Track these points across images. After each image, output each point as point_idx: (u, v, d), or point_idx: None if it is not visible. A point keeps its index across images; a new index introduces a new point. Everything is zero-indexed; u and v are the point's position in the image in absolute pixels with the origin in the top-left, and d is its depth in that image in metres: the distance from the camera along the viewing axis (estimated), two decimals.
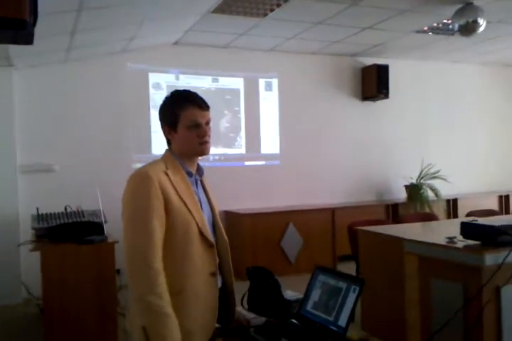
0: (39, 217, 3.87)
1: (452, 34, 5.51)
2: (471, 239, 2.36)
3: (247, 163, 6.14)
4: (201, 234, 1.71)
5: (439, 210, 6.45)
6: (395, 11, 4.68)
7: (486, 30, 5.28)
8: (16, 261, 4.71)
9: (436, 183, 6.59)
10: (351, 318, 1.93)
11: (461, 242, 2.42)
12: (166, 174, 1.70)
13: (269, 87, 6.23)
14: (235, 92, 6.01)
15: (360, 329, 3.53)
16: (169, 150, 1.81)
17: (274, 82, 6.25)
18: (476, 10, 4.44)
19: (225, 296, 1.85)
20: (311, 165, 6.42)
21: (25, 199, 4.82)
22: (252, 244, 5.56)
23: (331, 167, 6.54)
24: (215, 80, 5.87)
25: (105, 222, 3.75)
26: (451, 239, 2.45)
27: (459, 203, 6.83)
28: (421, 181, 6.62)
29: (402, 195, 6.74)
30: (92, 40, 4.49)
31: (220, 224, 1.89)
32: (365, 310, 3.51)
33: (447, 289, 2.39)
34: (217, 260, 1.79)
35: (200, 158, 1.86)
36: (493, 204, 6.99)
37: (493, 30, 5.48)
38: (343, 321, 1.96)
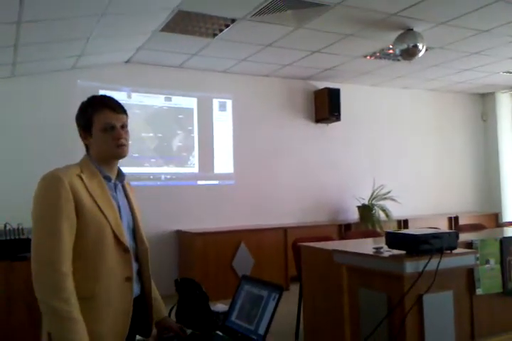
0: None
1: (398, 60, 5.74)
2: (396, 248, 2.40)
3: (199, 183, 6.12)
4: (115, 237, 1.68)
5: (388, 230, 6.55)
6: (339, 35, 4.86)
7: (429, 57, 5.56)
8: None
9: (387, 204, 6.72)
10: (269, 326, 1.92)
11: (387, 252, 2.46)
12: (80, 177, 1.68)
13: (223, 107, 6.30)
14: (188, 112, 6.04)
15: None
16: (87, 156, 1.80)
17: (228, 102, 6.33)
18: (415, 35, 4.66)
19: (144, 304, 1.83)
20: (265, 186, 6.46)
21: None
22: (204, 264, 5.49)
23: (284, 187, 6.60)
24: (167, 99, 5.89)
25: None
26: (377, 249, 2.49)
27: (410, 224, 6.96)
28: (372, 202, 6.74)
29: (354, 216, 6.84)
30: (37, 55, 4.46)
31: (141, 230, 1.86)
32: (307, 326, 3.50)
33: (373, 298, 2.41)
34: (136, 266, 1.77)
35: (119, 161, 1.82)
36: (443, 225, 7.18)
37: (435, 57, 5.76)
38: (262, 329, 1.94)
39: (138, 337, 1.88)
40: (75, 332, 1.51)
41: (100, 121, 1.73)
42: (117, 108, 1.77)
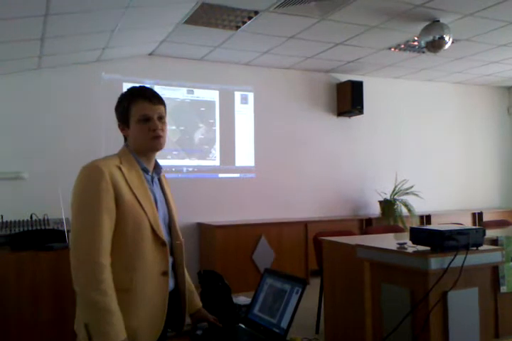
0: (2, 225, 3.82)
1: (422, 52, 5.64)
2: (420, 244, 2.37)
3: (221, 176, 6.14)
4: (153, 231, 1.67)
5: (413, 226, 6.48)
6: (364, 27, 4.79)
7: (455, 49, 5.44)
8: None
9: (409, 199, 6.65)
10: (292, 319, 1.92)
11: (411, 248, 2.43)
12: (119, 168, 1.66)
13: (244, 100, 6.29)
14: (210, 104, 6.05)
15: (324, 339, 3.52)
16: (126, 146, 1.78)
17: (250, 95, 6.31)
18: (442, 27, 4.56)
19: (178, 299, 1.81)
20: (286, 179, 6.45)
21: None
22: (224, 257, 5.53)
23: (305, 181, 6.57)
24: (190, 92, 5.91)
25: (70, 230, 3.71)
26: (401, 245, 2.46)
27: (433, 220, 6.88)
28: (394, 197, 6.67)
29: (376, 210, 6.78)
30: (63, 47, 4.51)
31: (177, 225, 1.85)
32: (327, 320, 3.50)
33: (396, 294, 2.38)
34: (171, 260, 1.75)
35: (156, 153, 1.81)
36: (467, 222, 7.06)
37: (461, 49, 5.64)
38: (285, 323, 1.95)
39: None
40: (112, 324, 1.51)
41: (136, 112, 1.71)
42: (154, 98, 1.74)
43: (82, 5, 3.41)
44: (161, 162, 1.93)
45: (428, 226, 2.46)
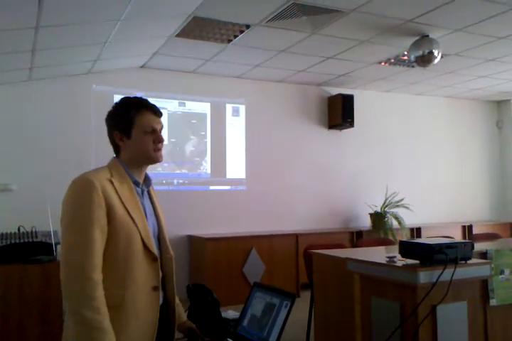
0: None
1: (412, 66, 5.71)
2: (409, 257, 2.37)
3: (212, 188, 6.13)
4: (144, 245, 1.65)
5: (403, 238, 6.47)
6: (354, 41, 4.84)
7: (444, 64, 5.52)
8: None
9: (400, 212, 6.67)
10: (281, 334, 1.90)
11: (400, 261, 2.43)
12: (111, 182, 1.63)
13: (236, 112, 6.31)
14: (201, 117, 6.07)
15: None
16: (116, 158, 1.75)
17: (242, 107, 6.34)
18: (431, 42, 4.63)
19: (166, 314, 1.79)
20: (277, 192, 6.45)
21: None
22: (214, 269, 5.50)
23: (296, 194, 6.58)
24: (181, 104, 5.92)
25: (58, 242, 3.67)
26: (391, 258, 2.46)
27: (423, 232, 6.89)
28: (385, 209, 6.69)
29: (366, 223, 6.78)
30: (54, 59, 4.52)
31: (166, 238, 1.83)
32: (317, 333, 3.47)
33: (386, 307, 2.38)
34: (161, 274, 1.73)
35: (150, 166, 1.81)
36: (457, 234, 7.08)
37: (451, 64, 5.72)
38: (274, 337, 1.93)
39: None
40: None
41: (143, 123, 1.70)
42: (158, 111, 1.76)
43: (73, 17, 3.42)
44: (152, 174, 1.92)
45: (417, 240, 2.47)
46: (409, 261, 2.38)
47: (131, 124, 1.69)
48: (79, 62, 4.85)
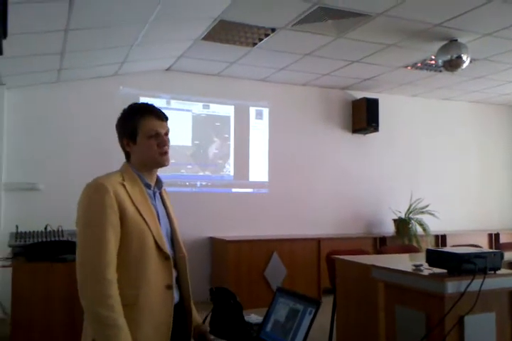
0: (17, 235, 3.85)
1: (440, 71, 5.62)
2: (436, 266, 2.32)
3: (234, 190, 6.14)
4: (157, 245, 1.69)
5: (428, 246, 6.38)
6: (381, 45, 4.79)
7: (473, 69, 5.42)
8: None
9: (424, 218, 6.56)
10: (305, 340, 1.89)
11: (427, 270, 2.38)
12: (123, 185, 1.69)
13: (259, 115, 6.31)
14: (225, 119, 6.08)
15: None
16: (127, 163, 1.81)
17: (265, 110, 6.33)
18: (460, 46, 4.55)
19: (183, 312, 1.82)
20: (300, 195, 6.42)
21: (6, 217, 4.80)
22: (236, 272, 5.49)
23: (319, 198, 6.53)
24: (205, 107, 5.95)
25: None
26: (417, 267, 2.42)
27: (448, 239, 6.77)
28: (409, 216, 6.59)
29: (390, 229, 6.69)
30: (82, 62, 4.59)
31: (179, 238, 1.86)
32: (340, 339, 3.43)
33: (411, 317, 2.33)
34: (175, 273, 1.76)
35: (159, 169, 1.84)
36: (483, 243, 6.92)
37: (479, 69, 5.61)
38: None
39: None
40: (121, 340, 1.51)
41: (146, 128, 1.75)
42: (161, 115, 1.80)
43: (102, 20, 3.47)
44: (175, 175, 1.94)
45: (445, 249, 2.41)
46: (436, 270, 2.34)
47: (136, 130, 1.75)
48: (106, 65, 4.91)
